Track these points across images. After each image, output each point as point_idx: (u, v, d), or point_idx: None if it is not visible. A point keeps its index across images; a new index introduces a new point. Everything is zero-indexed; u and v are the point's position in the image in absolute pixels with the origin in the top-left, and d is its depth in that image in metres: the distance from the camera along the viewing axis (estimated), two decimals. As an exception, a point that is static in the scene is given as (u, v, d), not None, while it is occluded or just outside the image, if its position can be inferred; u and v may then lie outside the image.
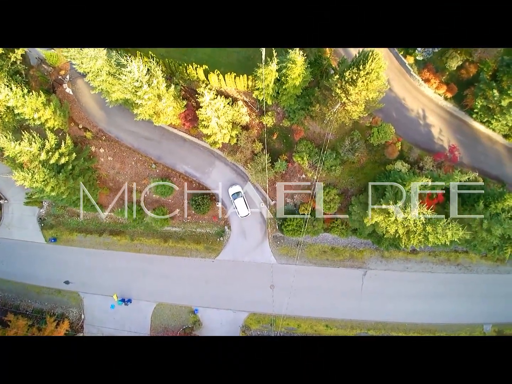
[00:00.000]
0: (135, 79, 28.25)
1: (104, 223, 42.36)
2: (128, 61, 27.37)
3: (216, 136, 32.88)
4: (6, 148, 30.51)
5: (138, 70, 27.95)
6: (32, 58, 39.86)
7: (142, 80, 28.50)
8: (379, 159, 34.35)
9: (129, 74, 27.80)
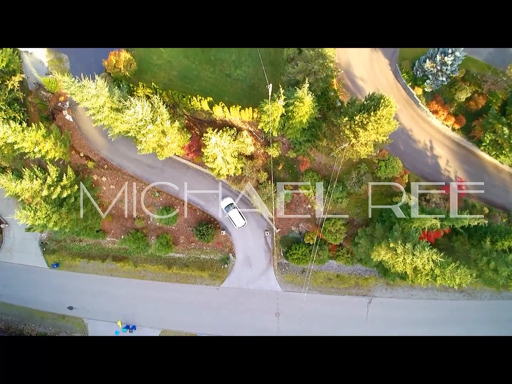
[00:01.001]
0: (139, 119, 27.55)
1: (107, 248, 41.99)
2: (132, 103, 26.63)
3: (222, 170, 32.35)
4: (7, 188, 29.81)
5: (142, 109, 27.25)
6: (30, 83, 38.80)
7: (147, 119, 27.82)
8: (385, 190, 34.06)
9: (133, 115, 27.10)
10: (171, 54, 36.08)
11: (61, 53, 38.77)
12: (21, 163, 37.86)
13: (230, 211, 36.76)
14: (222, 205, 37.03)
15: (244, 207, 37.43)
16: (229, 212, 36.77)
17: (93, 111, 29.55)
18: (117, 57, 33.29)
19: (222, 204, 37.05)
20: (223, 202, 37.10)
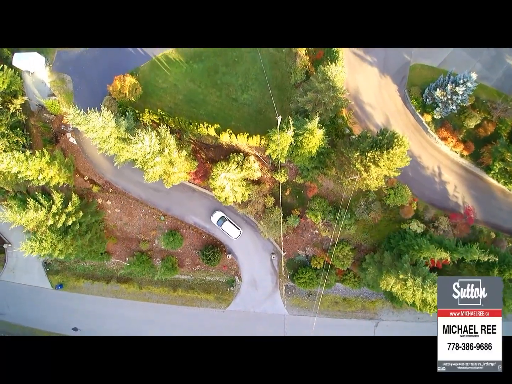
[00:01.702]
0: (147, 152, 27.16)
1: (111, 269, 41.70)
2: (140, 137, 26.20)
3: (229, 198, 32.03)
4: (13, 219, 29.36)
5: (150, 142, 26.85)
6: (32, 104, 38.15)
7: (154, 151, 27.42)
8: (393, 217, 33.88)
9: (140, 149, 26.70)
10: (177, 77, 35.54)
11: (63, 73, 38.07)
12: (24, 186, 37.36)
13: (223, 224, 36.46)
14: (214, 220, 36.73)
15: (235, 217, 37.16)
16: (222, 225, 36.47)
17: (99, 141, 29.10)
18: (122, 82, 32.70)
19: (213, 219, 36.75)
20: (214, 217, 36.78)
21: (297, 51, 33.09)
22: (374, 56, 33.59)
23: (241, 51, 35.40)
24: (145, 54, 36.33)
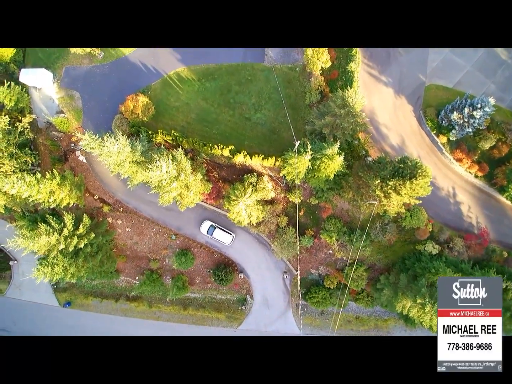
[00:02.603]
0: (163, 178, 26.72)
1: (120, 287, 41.16)
2: (157, 165, 25.76)
3: (244, 221, 31.68)
4: (26, 246, 28.73)
5: (167, 168, 26.41)
6: (40, 121, 37.44)
7: (171, 177, 26.99)
8: (408, 238, 33.78)
9: (157, 176, 26.26)
10: (189, 96, 35.07)
11: (72, 90, 37.40)
12: (32, 205, 36.64)
13: (213, 232, 36.00)
14: (203, 230, 36.22)
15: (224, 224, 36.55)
16: (213, 234, 36.00)
17: (113, 166, 28.58)
18: (134, 102, 32.18)
19: (203, 229, 36.25)
20: (203, 228, 36.27)
21: (312, 71, 32.78)
22: (389, 76, 33.42)
23: (254, 69, 35.08)
24: (157, 71, 35.82)
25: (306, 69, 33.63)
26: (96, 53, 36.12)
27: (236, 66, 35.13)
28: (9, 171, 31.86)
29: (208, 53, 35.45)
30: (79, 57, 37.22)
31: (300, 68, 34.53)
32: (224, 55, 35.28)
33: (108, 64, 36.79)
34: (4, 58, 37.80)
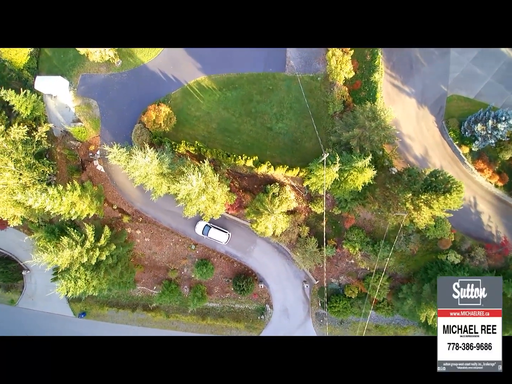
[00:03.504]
0: (192, 192, 26.45)
1: (136, 296, 40.75)
2: (188, 179, 25.48)
3: (268, 232, 31.52)
4: (50, 260, 28.19)
5: (196, 180, 26.14)
6: (56, 130, 36.80)
7: (199, 191, 26.73)
8: (431, 248, 33.90)
9: (186, 188, 25.99)
10: (210, 105, 34.78)
11: (89, 98, 36.85)
12: (48, 216, 36.03)
13: (209, 232, 35.66)
14: (198, 231, 35.85)
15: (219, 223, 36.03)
16: (208, 233, 35.66)
17: (138, 178, 28.21)
18: (157, 112, 31.78)
19: (198, 230, 35.87)
20: (197, 228, 35.90)
21: (335, 81, 32.72)
22: (412, 87, 33.51)
23: (275, 78, 34.91)
24: (176, 80, 35.45)
25: (328, 78, 33.55)
26: (114, 61, 35.60)
27: (257, 76, 34.92)
28: (28, 183, 31.27)
29: (228, 62, 35.22)
30: (95, 64, 36.67)
31: (322, 78, 34.45)
32: (245, 64, 35.08)
33: (126, 72, 36.32)
34: (18, 64, 37.11)
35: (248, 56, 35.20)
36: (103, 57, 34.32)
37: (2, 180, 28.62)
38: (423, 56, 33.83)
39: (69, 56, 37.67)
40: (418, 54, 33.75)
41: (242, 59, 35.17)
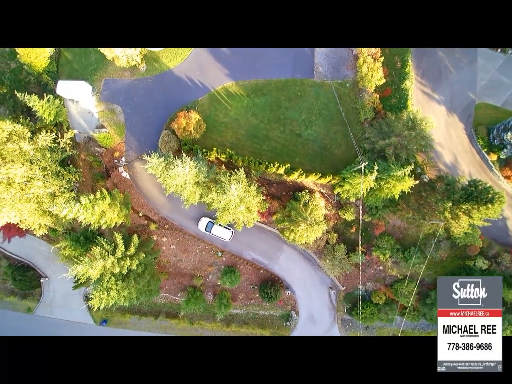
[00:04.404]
0: (232, 200, 26.19)
1: (159, 303, 40.35)
2: (231, 190, 25.20)
3: (302, 241, 31.38)
4: (85, 272, 27.60)
5: (236, 189, 25.89)
6: (78, 135, 36.00)
7: (238, 201, 26.49)
8: (459, 254, 34.24)
9: (226, 197, 25.72)
10: (238, 111, 34.45)
11: (113, 103, 36.17)
12: (70, 223, 35.38)
13: (212, 229, 35.03)
14: (201, 227, 35.18)
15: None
16: (211, 230, 35.04)
17: (175, 187, 27.83)
18: (187, 119, 31.34)
19: (201, 226, 35.21)
20: (201, 225, 35.23)
21: (366, 88, 32.69)
22: (441, 94, 33.68)
23: (303, 85, 34.72)
24: (203, 86, 35.03)
25: (357, 85, 33.51)
26: (140, 66, 34.99)
27: (285, 82, 34.69)
28: (57, 192, 30.58)
29: (256, 68, 34.92)
30: (119, 69, 35.99)
31: (350, 84, 34.39)
32: (273, 70, 34.81)
33: (151, 77, 35.72)
34: (37, 68, 36.19)
35: (275, 62, 34.93)
36: (130, 62, 33.69)
37: (32, 189, 27.90)
38: (451, 63, 34.01)
39: (90, 60, 36.92)
40: (446, 61, 33.92)
41: (269, 65, 34.89)
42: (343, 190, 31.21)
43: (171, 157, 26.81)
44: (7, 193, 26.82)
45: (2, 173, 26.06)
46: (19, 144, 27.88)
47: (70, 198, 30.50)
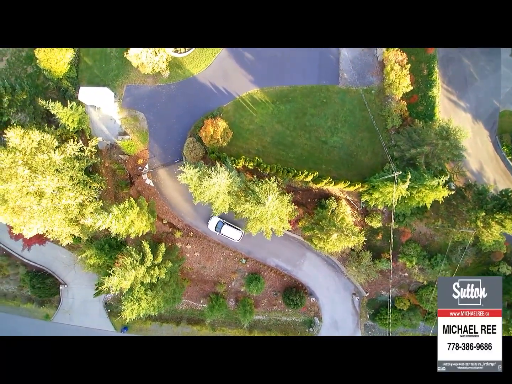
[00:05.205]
0: (267, 211, 26.11)
1: (179, 310, 40.21)
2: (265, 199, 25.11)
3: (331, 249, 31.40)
4: (119, 283, 27.35)
5: (273, 200, 25.80)
6: (101, 144, 35.60)
7: (274, 210, 26.42)
8: (483, 260, 34.51)
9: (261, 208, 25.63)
10: (263, 118, 34.30)
11: (135, 110, 35.83)
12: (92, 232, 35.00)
13: (222, 229, 34.78)
14: (211, 227, 34.95)
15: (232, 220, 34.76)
16: (221, 230, 34.80)
17: (207, 197, 27.66)
18: (215, 127, 31.14)
19: (211, 226, 34.96)
20: (210, 224, 34.95)
21: (393, 95, 32.69)
22: (467, 102, 33.79)
23: (329, 91, 34.65)
24: (228, 93, 34.81)
25: (385, 92, 33.51)
26: (164, 73, 34.66)
27: (310, 88, 34.60)
28: (86, 201, 30.25)
29: (281, 74, 34.78)
30: (141, 75, 35.61)
31: (376, 91, 34.38)
32: (298, 77, 34.69)
33: (174, 84, 35.42)
34: (57, 74, 35.66)
35: (300, 68, 34.82)
36: (155, 69, 33.36)
37: (64, 200, 27.55)
38: (476, 70, 34.12)
39: (111, 66, 36.51)
40: (471, 69, 34.03)
41: (294, 71, 34.77)
42: (371, 198, 31.23)
43: (205, 167, 26.63)
44: (39, 205, 26.46)
45: (35, 185, 25.69)
46: (49, 154, 27.49)
47: (98, 207, 30.22)
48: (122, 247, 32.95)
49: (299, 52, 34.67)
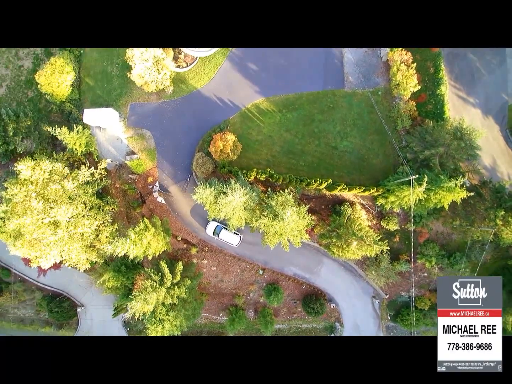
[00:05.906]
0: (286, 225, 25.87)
1: (199, 324, 40.04)
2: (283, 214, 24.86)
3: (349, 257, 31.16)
4: (142, 308, 27.15)
5: (292, 214, 25.55)
6: (109, 165, 35.26)
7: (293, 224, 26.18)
8: (502, 255, 34.22)
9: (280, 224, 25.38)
10: (271, 128, 34.00)
11: (141, 128, 35.55)
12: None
13: (220, 233, 34.38)
14: (209, 231, 34.52)
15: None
16: (219, 235, 34.42)
17: (223, 214, 27.43)
18: (224, 142, 30.84)
19: (209, 231, 34.52)
20: (209, 229, 34.50)
21: (401, 96, 32.34)
22: (475, 97, 33.44)
23: (335, 96, 34.32)
24: (233, 105, 34.49)
25: (392, 93, 33.17)
26: (168, 89, 34.31)
27: (316, 94, 34.27)
28: (101, 226, 30.02)
29: (285, 82, 34.44)
30: (145, 93, 35.27)
31: (382, 92, 34.03)
32: (302, 84, 34.35)
33: (179, 99, 35.11)
34: (59, 97, 35.30)
35: (305, 75, 34.48)
36: (158, 86, 33.03)
37: (80, 228, 27.32)
38: (483, 65, 33.73)
39: (113, 85, 36.21)
40: (478, 64, 33.63)
41: (299, 78, 34.43)
42: (387, 201, 30.97)
43: (219, 185, 26.38)
44: (55, 235, 26.23)
45: (50, 216, 25.45)
46: (61, 184, 27.23)
47: (113, 230, 30.00)
48: (139, 266, 32.76)
49: (303, 58, 34.34)
